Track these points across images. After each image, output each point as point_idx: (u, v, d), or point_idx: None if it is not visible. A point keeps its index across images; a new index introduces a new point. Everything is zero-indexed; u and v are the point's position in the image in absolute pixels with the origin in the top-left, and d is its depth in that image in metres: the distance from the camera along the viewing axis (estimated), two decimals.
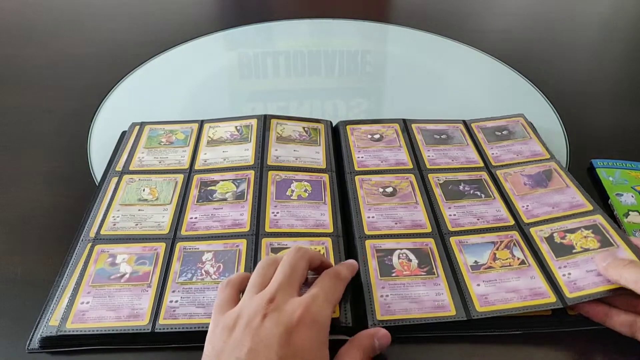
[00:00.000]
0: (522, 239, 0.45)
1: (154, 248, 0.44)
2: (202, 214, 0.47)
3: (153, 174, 0.52)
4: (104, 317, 0.39)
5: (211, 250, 0.44)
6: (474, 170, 0.53)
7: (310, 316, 0.34)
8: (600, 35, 0.89)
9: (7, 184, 0.53)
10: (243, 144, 0.55)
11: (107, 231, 0.45)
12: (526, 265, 0.43)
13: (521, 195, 0.50)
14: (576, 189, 0.50)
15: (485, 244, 0.45)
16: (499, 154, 0.55)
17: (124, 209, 0.48)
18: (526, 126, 0.59)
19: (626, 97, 0.71)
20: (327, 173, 0.53)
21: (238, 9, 0.96)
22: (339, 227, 0.47)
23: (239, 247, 0.44)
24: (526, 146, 0.56)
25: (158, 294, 0.40)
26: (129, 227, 0.46)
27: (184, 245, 0.44)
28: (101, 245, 0.44)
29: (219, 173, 0.52)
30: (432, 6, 0.95)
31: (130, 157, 0.54)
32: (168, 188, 0.50)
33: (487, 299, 0.40)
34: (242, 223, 0.46)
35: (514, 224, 0.47)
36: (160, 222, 0.46)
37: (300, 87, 0.73)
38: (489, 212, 0.48)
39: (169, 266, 0.42)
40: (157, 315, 0.39)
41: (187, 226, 0.46)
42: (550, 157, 0.54)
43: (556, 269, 0.42)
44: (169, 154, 0.54)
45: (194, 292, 0.40)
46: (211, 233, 0.45)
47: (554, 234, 0.45)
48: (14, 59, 0.76)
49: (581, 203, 0.48)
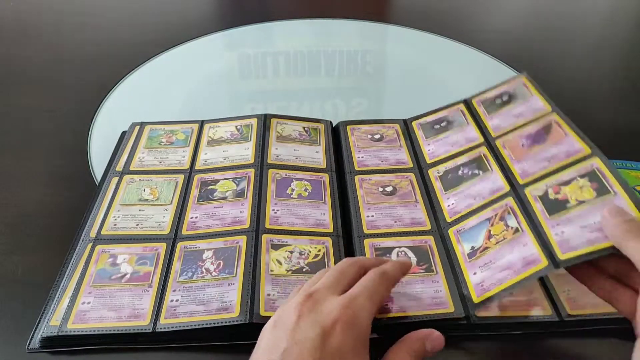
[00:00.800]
0: (516, 204, 0.44)
1: (155, 248, 0.44)
2: (202, 213, 0.47)
3: (153, 174, 0.52)
4: (105, 317, 0.39)
5: (211, 248, 0.44)
6: (473, 149, 0.52)
7: (348, 317, 0.32)
8: (601, 35, 0.89)
9: (7, 184, 0.53)
10: (243, 142, 0.55)
11: (107, 231, 0.45)
12: (519, 233, 0.41)
13: (518, 158, 0.48)
14: (574, 135, 0.46)
15: (481, 224, 0.44)
16: (499, 123, 0.53)
17: (125, 209, 0.48)
18: (527, 84, 0.55)
19: (626, 97, 0.71)
20: (327, 173, 0.53)
21: (238, 9, 0.96)
22: (339, 227, 0.47)
23: (239, 243, 0.44)
24: (527, 105, 0.53)
25: (159, 294, 0.40)
26: (130, 228, 0.46)
27: (184, 245, 0.44)
28: (102, 246, 0.44)
29: (220, 172, 0.52)
30: (432, 6, 0.95)
31: (130, 157, 0.54)
32: (169, 188, 0.50)
33: (483, 286, 0.40)
34: (242, 220, 0.46)
35: (509, 190, 0.45)
36: (160, 222, 0.46)
37: (300, 87, 0.73)
38: (486, 187, 0.47)
39: (170, 266, 0.42)
40: (158, 315, 0.39)
41: (187, 226, 0.46)
42: (552, 110, 0.51)
43: (549, 228, 0.40)
44: (169, 154, 0.54)
45: (195, 290, 0.40)
46: (211, 232, 0.45)
47: (548, 190, 0.43)
48: (14, 59, 0.76)
49: (579, 149, 0.44)
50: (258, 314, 0.38)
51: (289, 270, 0.42)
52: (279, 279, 0.41)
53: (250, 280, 0.41)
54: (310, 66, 0.78)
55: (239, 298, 0.39)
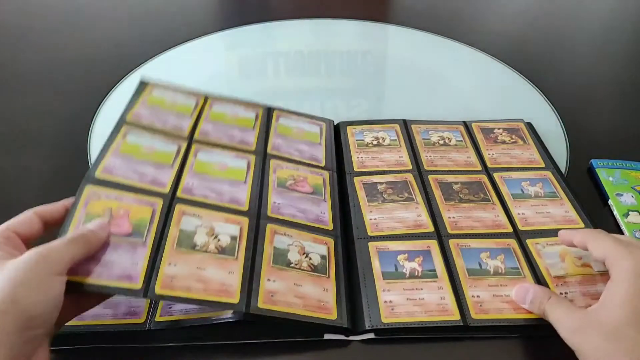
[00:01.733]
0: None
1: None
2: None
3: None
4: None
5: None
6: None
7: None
8: (601, 36, 0.89)
9: (7, 183, 0.53)
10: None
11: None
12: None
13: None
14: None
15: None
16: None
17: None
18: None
19: (626, 97, 0.71)
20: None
21: (238, 9, 0.96)
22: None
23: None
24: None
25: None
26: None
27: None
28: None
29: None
30: (432, 6, 0.95)
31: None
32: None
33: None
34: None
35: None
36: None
37: (300, 87, 0.73)
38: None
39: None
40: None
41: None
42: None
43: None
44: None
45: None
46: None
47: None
48: (14, 60, 0.76)
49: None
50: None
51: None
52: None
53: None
54: (310, 66, 0.77)
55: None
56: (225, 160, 0.49)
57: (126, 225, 0.39)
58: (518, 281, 0.42)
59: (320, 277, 0.41)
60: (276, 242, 0.42)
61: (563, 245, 0.43)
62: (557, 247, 0.45)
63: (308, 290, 0.40)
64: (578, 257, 0.44)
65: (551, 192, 0.51)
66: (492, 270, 0.43)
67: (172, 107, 0.53)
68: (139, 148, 0.46)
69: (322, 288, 0.41)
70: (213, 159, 0.48)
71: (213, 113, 0.54)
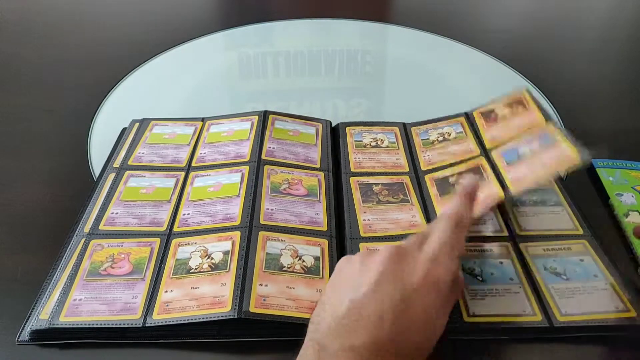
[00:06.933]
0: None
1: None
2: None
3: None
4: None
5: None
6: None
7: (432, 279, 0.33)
8: (601, 35, 0.89)
9: (7, 183, 0.53)
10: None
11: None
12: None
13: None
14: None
15: None
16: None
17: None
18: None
19: (626, 97, 0.71)
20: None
21: (238, 9, 0.96)
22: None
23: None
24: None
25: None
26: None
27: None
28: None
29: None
30: (432, 6, 0.95)
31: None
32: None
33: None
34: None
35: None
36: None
37: (300, 87, 0.73)
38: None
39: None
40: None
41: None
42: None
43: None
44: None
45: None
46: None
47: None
48: (14, 59, 0.76)
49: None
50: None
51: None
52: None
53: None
54: (310, 66, 0.78)
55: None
56: (220, 179, 0.50)
57: (127, 267, 0.42)
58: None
59: (313, 278, 0.42)
60: (268, 248, 0.43)
61: None
62: None
63: (300, 292, 0.40)
64: None
65: (547, 144, 0.48)
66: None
67: (171, 140, 0.56)
68: (139, 190, 0.49)
69: (314, 289, 0.41)
70: (208, 182, 0.50)
71: (210, 135, 0.57)
